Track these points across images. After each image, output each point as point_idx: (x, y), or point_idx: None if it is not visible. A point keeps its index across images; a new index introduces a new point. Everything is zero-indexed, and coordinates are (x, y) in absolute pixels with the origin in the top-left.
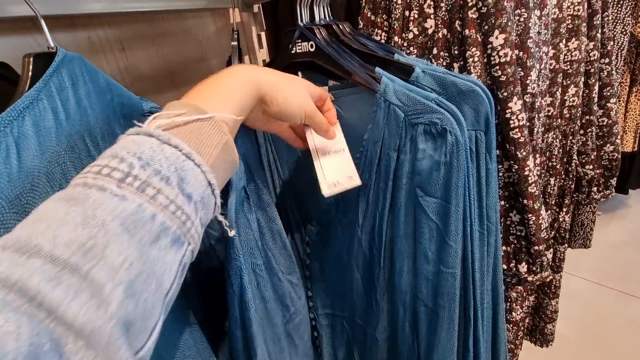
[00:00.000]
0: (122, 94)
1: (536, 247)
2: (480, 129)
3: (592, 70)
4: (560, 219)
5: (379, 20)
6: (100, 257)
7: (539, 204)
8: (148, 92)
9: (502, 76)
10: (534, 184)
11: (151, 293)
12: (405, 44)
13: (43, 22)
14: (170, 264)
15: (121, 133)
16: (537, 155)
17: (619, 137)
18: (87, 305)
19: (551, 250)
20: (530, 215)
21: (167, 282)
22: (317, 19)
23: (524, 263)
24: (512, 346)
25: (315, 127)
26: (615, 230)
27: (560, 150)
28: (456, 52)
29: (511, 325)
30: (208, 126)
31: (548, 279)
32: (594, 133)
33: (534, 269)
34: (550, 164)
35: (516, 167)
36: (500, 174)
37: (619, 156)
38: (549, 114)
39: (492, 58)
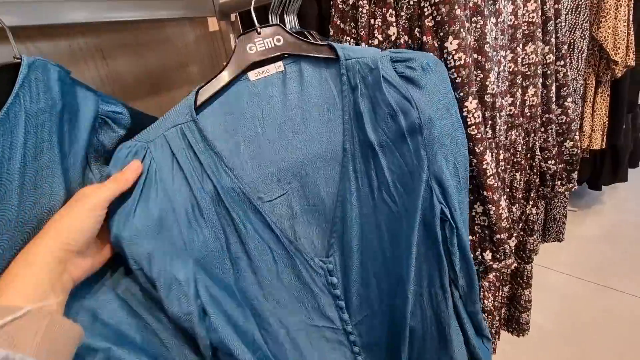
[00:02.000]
0: (75, 99)
1: (498, 236)
2: None
3: (549, 72)
4: (528, 212)
5: (347, 27)
6: None
7: (498, 195)
8: (130, 99)
9: (458, 78)
10: (492, 177)
11: None
12: None
13: (9, 33)
14: None
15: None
16: (502, 152)
17: (577, 133)
18: None
19: (514, 239)
20: (490, 205)
21: None
22: (288, 27)
23: (488, 251)
24: None
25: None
26: (591, 226)
27: (524, 147)
28: None
29: (486, 314)
30: (22, 320)
31: (513, 266)
32: (554, 130)
33: (498, 256)
34: (515, 159)
35: (475, 161)
36: None
37: (579, 151)
38: (511, 112)
39: (448, 62)
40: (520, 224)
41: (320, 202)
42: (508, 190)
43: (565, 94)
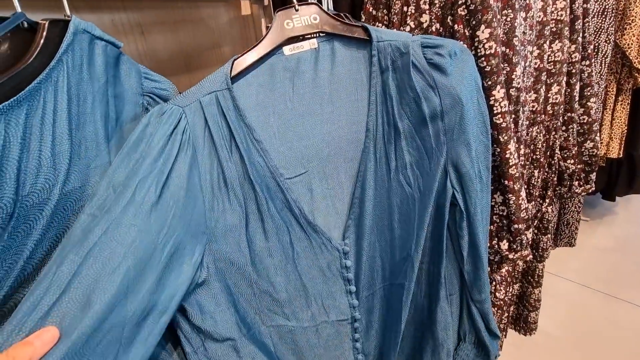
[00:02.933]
0: (118, 75)
1: (516, 226)
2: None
3: (574, 70)
4: (544, 210)
5: (379, 14)
6: None
7: (519, 185)
8: (163, 75)
9: (487, 67)
10: (514, 167)
11: None
12: None
13: None
14: None
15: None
16: (522, 147)
17: (598, 134)
18: None
19: (531, 230)
20: (510, 195)
21: None
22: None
23: (505, 241)
24: None
25: None
26: (603, 236)
27: (544, 144)
28: None
29: (496, 308)
30: None
31: (528, 258)
32: (575, 130)
33: (514, 246)
34: (534, 156)
35: (498, 150)
36: None
37: (599, 152)
38: (534, 109)
39: (478, 50)
40: (535, 222)
41: (339, 184)
42: (525, 187)
43: (589, 94)
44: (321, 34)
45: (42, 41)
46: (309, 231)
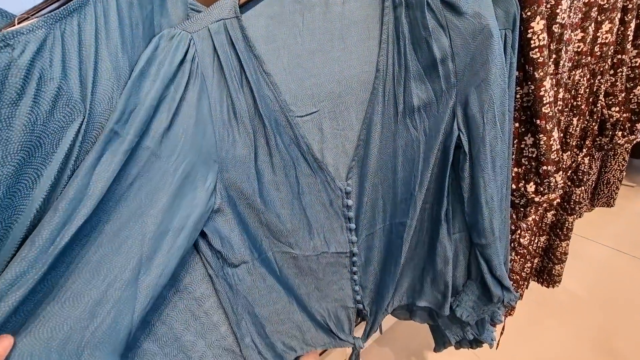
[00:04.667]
0: (164, 4)
1: (545, 167)
2: (509, 27)
3: (630, 6)
4: (579, 160)
5: None
6: None
7: (551, 125)
8: None
9: None
10: (548, 105)
11: None
12: None
13: None
14: None
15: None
16: (562, 91)
17: None
18: None
19: (561, 174)
20: (541, 135)
21: None
22: None
23: (532, 183)
24: (517, 277)
25: None
26: None
27: (587, 89)
28: None
29: (518, 257)
30: None
31: (555, 202)
32: (624, 74)
33: (542, 189)
34: (574, 103)
35: (532, 87)
36: (518, 97)
37: None
38: (579, 49)
39: None
40: (569, 173)
41: (349, 125)
42: (562, 135)
43: None
44: None
45: None
46: (314, 167)
